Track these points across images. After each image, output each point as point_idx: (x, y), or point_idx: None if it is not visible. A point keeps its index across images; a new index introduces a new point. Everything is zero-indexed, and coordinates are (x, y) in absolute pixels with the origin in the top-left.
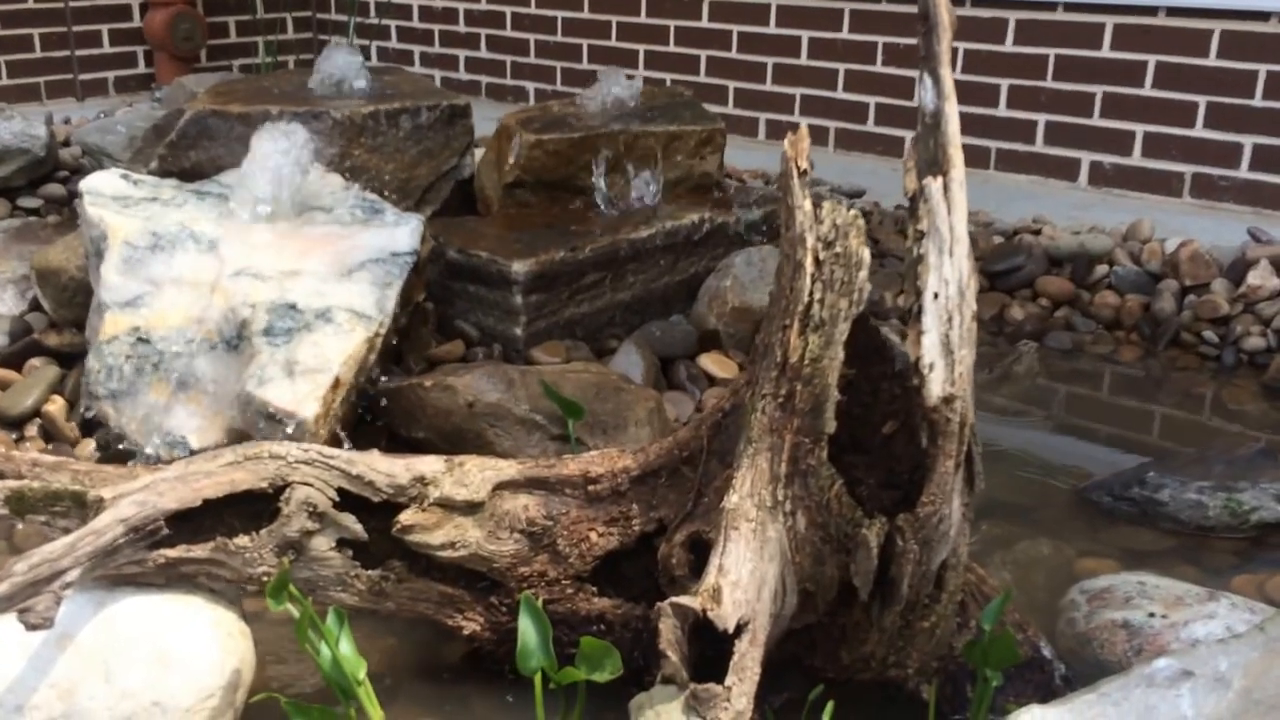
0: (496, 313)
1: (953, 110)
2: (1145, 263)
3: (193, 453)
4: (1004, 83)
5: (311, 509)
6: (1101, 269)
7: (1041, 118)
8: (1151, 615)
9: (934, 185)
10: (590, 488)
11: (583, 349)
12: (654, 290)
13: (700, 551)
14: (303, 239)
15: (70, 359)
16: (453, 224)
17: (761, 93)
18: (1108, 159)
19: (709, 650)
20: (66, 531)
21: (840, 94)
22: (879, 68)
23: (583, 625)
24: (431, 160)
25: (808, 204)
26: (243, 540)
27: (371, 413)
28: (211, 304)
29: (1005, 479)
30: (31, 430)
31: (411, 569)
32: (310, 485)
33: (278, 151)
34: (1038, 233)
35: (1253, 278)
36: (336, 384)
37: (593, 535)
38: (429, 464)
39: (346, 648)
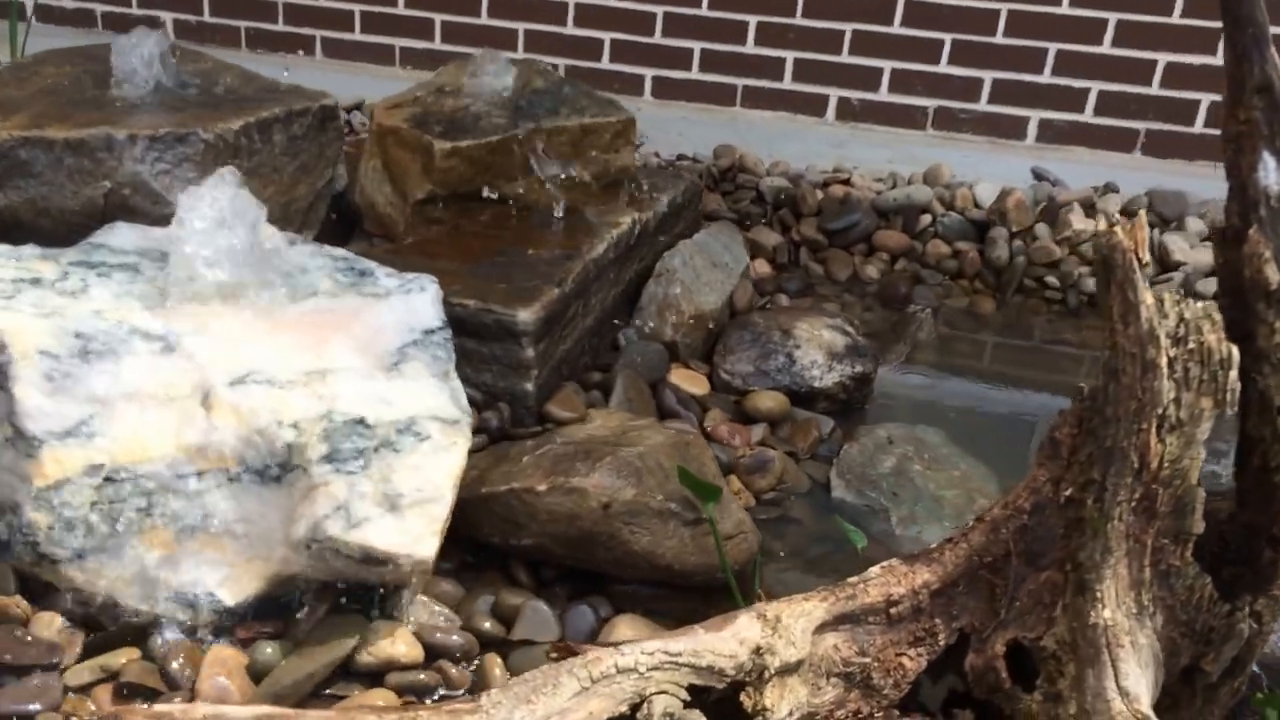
0: (496, 368)
1: None
2: (962, 210)
3: (227, 610)
4: (752, 20)
5: (669, 717)
6: (926, 218)
7: (790, 55)
8: None
9: None
10: (892, 610)
11: (582, 394)
12: (606, 308)
13: (1018, 659)
14: (294, 323)
15: None
16: (387, 259)
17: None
18: (855, 95)
19: None
20: None
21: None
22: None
23: None
24: (308, 176)
25: (1150, 298)
26: None
27: None
28: (213, 425)
29: (1012, 455)
30: None
31: None
32: (665, 692)
33: (222, 213)
34: (846, 181)
35: (1075, 222)
36: (449, 512)
37: (905, 661)
38: (747, 628)
39: None
